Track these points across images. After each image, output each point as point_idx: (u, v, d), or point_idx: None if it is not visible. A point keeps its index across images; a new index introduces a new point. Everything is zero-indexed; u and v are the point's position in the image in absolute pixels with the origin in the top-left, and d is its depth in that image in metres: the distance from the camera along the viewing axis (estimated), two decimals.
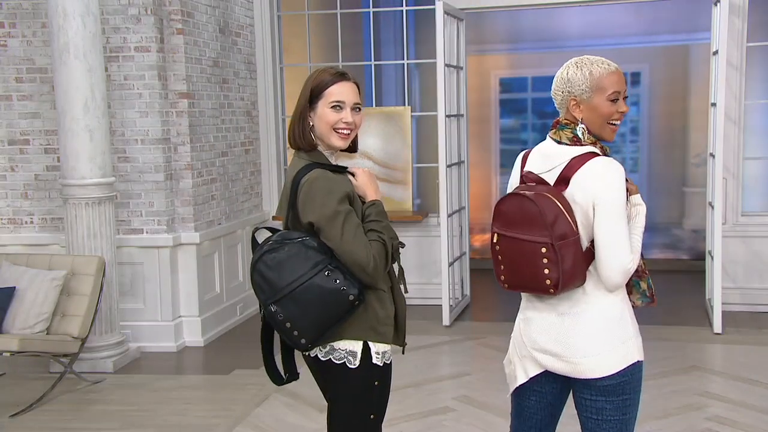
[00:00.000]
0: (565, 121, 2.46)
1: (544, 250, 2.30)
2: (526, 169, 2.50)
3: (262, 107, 7.09)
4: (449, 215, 6.33)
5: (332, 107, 2.48)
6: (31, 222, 5.95)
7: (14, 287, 4.94)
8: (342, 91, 2.49)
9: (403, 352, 2.67)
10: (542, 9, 7.75)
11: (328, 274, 2.36)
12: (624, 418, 2.44)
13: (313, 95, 2.49)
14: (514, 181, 2.58)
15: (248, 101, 6.92)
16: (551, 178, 2.42)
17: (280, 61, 7.20)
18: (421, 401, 4.67)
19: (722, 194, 6.03)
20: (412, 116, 7.11)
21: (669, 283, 7.40)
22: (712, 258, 5.99)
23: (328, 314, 2.38)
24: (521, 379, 2.53)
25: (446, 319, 6.27)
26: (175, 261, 5.91)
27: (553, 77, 2.50)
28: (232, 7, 6.62)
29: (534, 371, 2.50)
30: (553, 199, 2.33)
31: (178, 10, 5.75)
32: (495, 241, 2.43)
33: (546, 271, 2.31)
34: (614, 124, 2.45)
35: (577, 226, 2.34)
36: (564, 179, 2.38)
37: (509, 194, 2.43)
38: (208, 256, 6.16)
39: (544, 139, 2.54)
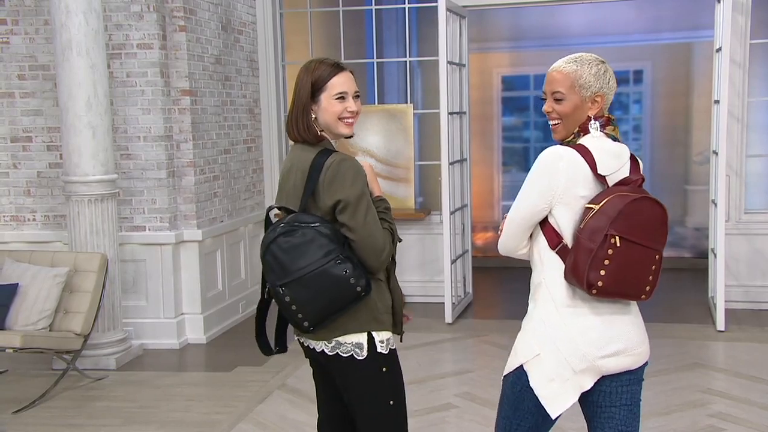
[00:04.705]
0: (613, 117, 2.41)
1: (657, 257, 2.30)
2: (607, 169, 2.32)
3: (264, 105, 7.10)
4: (451, 213, 6.32)
5: (337, 98, 2.55)
6: (34, 219, 5.95)
7: (17, 284, 4.95)
8: (343, 82, 2.57)
9: (401, 341, 2.71)
10: (545, 6, 7.75)
11: (339, 263, 2.40)
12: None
13: (315, 89, 2.56)
14: (572, 182, 2.30)
15: (250, 99, 6.92)
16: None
17: (283, 58, 7.19)
18: (423, 398, 4.67)
19: (725, 192, 6.02)
20: (414, 114, 7.10)
21: (672, 281, 7.39)
22: (715, 256, 5.99)
23: (334, 302, 2.43)
24: (573, 398, 2.35)
25: (449, 317, 6.27)
26: (178, 258, 5.91)
27: None
28: (235, 5, 6.62)
29: (589, 384, 2.35)
30: None
31: (181, 7, 5.75)
32: (618, 245, 2.21)
33: (650, 278, 2.30)
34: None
35: None
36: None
37: (643, 197, 2.26)
38: (210, 253, 6.16)
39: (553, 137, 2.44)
